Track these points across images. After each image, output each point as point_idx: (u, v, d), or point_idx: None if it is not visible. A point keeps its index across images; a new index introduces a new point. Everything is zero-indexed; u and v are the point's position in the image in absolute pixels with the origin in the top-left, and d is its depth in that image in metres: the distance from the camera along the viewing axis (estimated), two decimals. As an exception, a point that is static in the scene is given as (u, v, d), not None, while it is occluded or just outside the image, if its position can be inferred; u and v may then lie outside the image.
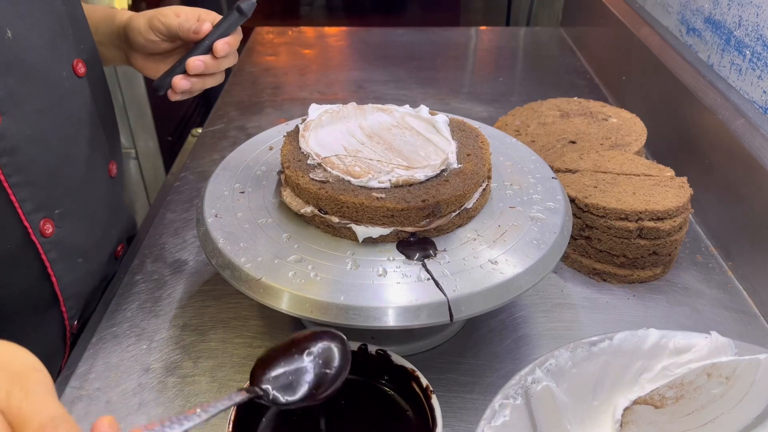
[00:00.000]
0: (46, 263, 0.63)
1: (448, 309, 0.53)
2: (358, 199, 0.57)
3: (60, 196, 0.64)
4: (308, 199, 0.60)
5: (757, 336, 0.71)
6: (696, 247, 0.85)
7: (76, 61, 0.66)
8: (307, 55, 1.49)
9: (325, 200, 0.58)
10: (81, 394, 0.63)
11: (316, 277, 0.55)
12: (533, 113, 0.99)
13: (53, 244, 0.63)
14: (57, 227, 0.63)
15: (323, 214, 0.59)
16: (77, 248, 0.67)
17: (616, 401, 0.55)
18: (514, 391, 0.51)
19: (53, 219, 0.63)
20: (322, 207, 0.59)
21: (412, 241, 0.59)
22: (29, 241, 0.61)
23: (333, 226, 0.59)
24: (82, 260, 0.68)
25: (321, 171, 0.61)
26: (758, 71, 0.83)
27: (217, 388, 0.63)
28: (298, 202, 0.61)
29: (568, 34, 1.57)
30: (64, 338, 0.69)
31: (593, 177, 0.79)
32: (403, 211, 0.57)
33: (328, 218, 0.59)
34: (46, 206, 0.62)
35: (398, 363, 0.56)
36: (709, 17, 0.96)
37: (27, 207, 0.60)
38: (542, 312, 0.73)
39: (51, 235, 0.63)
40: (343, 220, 0.58)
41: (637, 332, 0.55)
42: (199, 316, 0.72)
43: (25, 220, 0.60)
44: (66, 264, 0.66)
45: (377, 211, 0.57)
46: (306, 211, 0.60)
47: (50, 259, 0.63)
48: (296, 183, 0.60)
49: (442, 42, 1.56)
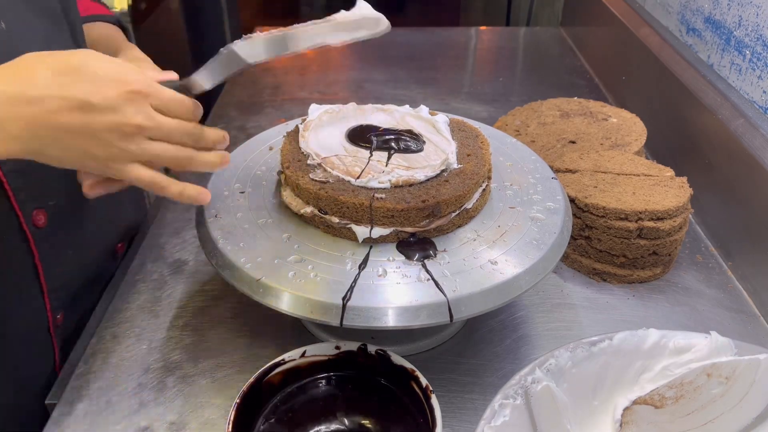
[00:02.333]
0: (35, 253, 0.64)
1: (448, 309, 0.53)
2: (358, 199, 0.57)
3: (54, 188, 0.64)
4: (308, 199, 0.60)
5: (757, 336, 0.71)
6: (696, 247, 0.85)
7: None
8: (307, 55, 1.49)
9: (325, 200, 0.58)
10: (81, 394, 0.63)
11: (315, 277, 0.55)
12: (533, 113, 0.99)
13: (44, 235, 0.64)
14: (50, 218, 0.64)
15: (323, 214, 0.59)
16: (68, 241, 0.68)
17: (616, 401, 0.55)
18: (514, 391, 0.51)
19: (46, 210, 0.64)
20: (322, 207, 0.59)
21: (412, 242, 0.59)
22: (20, 230, 0.62)
23: (333, 227, 0.59)
24: (72, 253, 0.69)
25: (321, 171, 0.61)
26: (758, 71, 0.83)
27: (217, 388, 0.63)
28: (298, 202, 0.61)
29: (568, 34, 1.57)
30: (48, 329, 0.69)
31: (593, 177, 0.79)
32: (403, 211, 0.57)
33: (328, 218, 0.59)
34: (40, 197, 0.63)
35: (398, 363, 0.56)
36: (709, 17, 0.96)
37: (21, 196, 0.61)
38: (542, 312, 0.73)
39: (43, 226, 0.63)
40: (342, 221, 0.58)
41: (637, 332, 0.55)
42: (199, 316, 0.72)
43: (18, 209, 0.61)
44: (55, 256, 0.66)
45: (377, 211, 0.57)
46: (306, 211, 0.60)
47: (39, 249, 0.64)
48: (296, 183, 0.60)
49: (442, 42, 1.56)
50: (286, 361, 0.57)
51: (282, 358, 0.57)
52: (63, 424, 0.60)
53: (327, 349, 0.58)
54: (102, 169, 0.51)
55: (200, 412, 0.61)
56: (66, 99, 0.47)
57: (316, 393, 0.58)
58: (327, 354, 0.58)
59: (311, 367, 0.58)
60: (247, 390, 0.54)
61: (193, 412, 0.61)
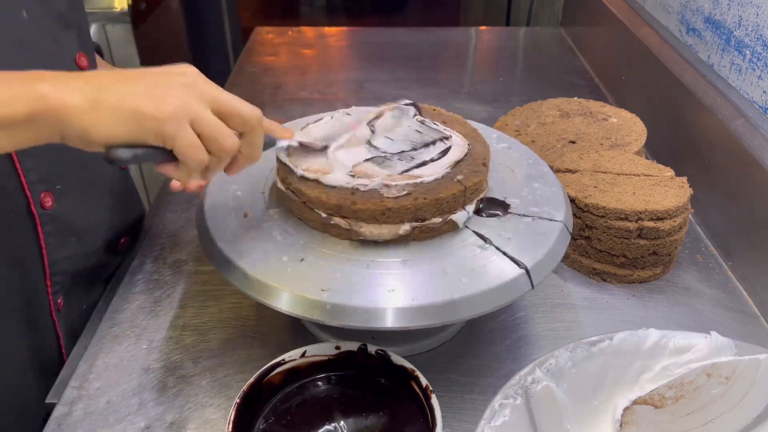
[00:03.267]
0: (41, 235, 0.65)
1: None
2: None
3: (62, 171, 0.66)
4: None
5: (757, 336, 0.71)
6: (696, 247, 0.85)
7: (79, 54, 0.68)
8: (307, 55, 1.49)
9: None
10: (81, 394, 0.63)
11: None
12: (533, 113, 0.99)
13: (50, 218, 0.65)
14: (56, 202, 0.65)
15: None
16: (73, 227, 0.69)
17: (616, 401, 0.55)
18: (514, 391, 0.51)
19: (54, 193, 0.65)
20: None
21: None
22: (28, 211, 0.63)
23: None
24: (75, 239, 0.70)
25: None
26: (758, 71, 0.83)
27: (217, 388, 0.63)
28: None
29: (568, 34, 1.57)
30: (50, 313, 0.69)
31: (593, 177, 0.79)
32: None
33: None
34: (48, 179, 0.64)
35: (398, 363, 0.56)
36: (709, 17, 0.96)
37: (31, 177, 0.63)
38: (542, 312, 0.73)
39: (50, 208, 0.65)
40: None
41: (637, 332, 0.55)
42: (199, 316, 0.72)
43: (27, 190, 0.63)
44: (59, 240, 0.67)
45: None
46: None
47: (45, 231, 0.65)
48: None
49: (442, 42, 1.56)
50: (286, 361, 0.57)
51: (282, 358, 0.57)
52: (63, 424, 0.60)
53: (327, 349, 0.58)
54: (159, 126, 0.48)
55: (200, 412, 0.61)
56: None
57: (317, 393, 0.58)
58: (327, 354, 0.58)
59: (311, 367, 0.58)
60: (247, 390, 0.54)
61: (193, 412, 0.61)
